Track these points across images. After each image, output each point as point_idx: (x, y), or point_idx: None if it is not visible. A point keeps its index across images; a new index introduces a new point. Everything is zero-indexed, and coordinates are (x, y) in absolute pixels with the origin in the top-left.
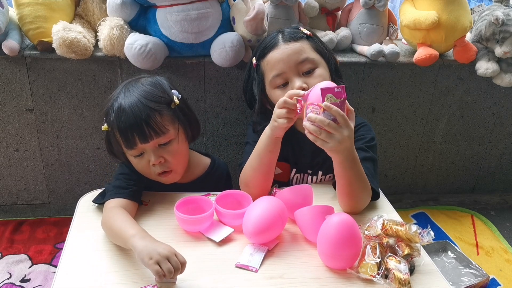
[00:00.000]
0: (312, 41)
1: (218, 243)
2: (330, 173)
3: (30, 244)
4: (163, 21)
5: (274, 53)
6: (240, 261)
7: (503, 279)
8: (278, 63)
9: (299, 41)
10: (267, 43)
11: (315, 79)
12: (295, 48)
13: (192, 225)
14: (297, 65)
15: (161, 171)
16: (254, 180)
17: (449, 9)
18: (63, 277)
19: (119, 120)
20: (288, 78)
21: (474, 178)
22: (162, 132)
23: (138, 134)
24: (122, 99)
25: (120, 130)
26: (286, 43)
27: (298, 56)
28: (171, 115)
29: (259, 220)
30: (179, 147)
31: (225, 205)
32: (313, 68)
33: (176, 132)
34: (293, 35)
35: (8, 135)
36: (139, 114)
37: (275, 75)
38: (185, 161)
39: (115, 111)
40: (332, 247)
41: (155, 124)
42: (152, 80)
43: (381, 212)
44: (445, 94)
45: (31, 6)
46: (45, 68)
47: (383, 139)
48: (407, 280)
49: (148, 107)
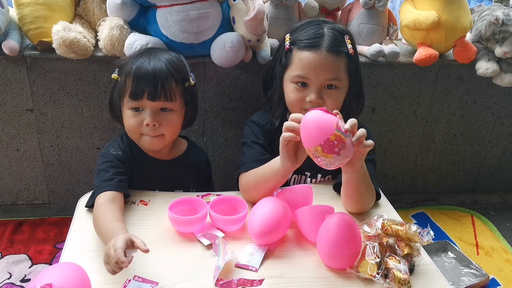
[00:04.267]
0: (349, 59)
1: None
2: (329, 175)
3: (30, 244)
4: (163, 21)
5: (311, 55)
6: (240, 261)
7: (503, 279)
8: (310, 68)
9: (339, 56)
10: (311, 36)
11: (332, 96)
12: (333, 64)
13: (184, 226)
14: (325, 80)
15: (153, 134)
16: (256, 194)
17: (449, 9)
18: None
19: (139, 70)
20: (309, 84)
21: (474, 178)
22: (171, 99)
23: (150, 88)
24: (146, 57)
25: (135, 78)
26: (328, 53)
27: (331, 74)
28: (183, 91)
29: (265, 220)
30: (176, 119)
31: (219, 210)
32: (336, 87)
33: (180, 106)
34: (337, 47)
35: (8, 135)
36: (160, 73)
37: (300, 76)
38: (175, 134)
39: (138, 62)
40: (332, 247)
41: (169, 88)
42: (177, 55)
43: (381, 212)
44: (445, 94)
45: (31, 6)
46: (45, 68)
47: (383, 139)
48: (407, 280)
49: (169, 72)
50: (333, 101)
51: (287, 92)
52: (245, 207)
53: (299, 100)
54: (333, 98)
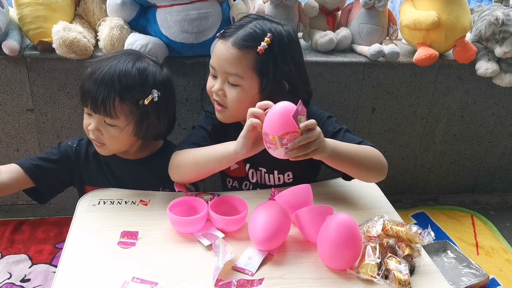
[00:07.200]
0: (259, 57)
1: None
2: (288, 172)
3: (30, 244)
4: (163, 21)
5: (220, 44)
6: (238, 264)
7: (503, 279)
8: (215, 57)
9: (243, 51)
10: (232, 27)
11: (232, 93)
12: (233, 58)
13: (183, 226)
14: (225, 73)
15: (94, 139)
16: (190, 172)
17: (449, 9)
18: (63, 277)
19: (89, 77)
20: (217, 75)
21: (474, 178)
22: (111, 116)
23: (91, 101)
24: (108, 61)
25: (82, 85)
26: (232, 45)
27: (229, 67)
28: (132, 107)
29: (266, 227)
30: (119, 135)
31: (219, 211)
32: (238, 84)
33: (125, 123)
34: (245, 41)
35: (8, 135)
36: (104, 87)
37: (210, 64)
38: (121, 146)
39: (93, 68)
40: (332, 248)
41: (110, 105)
42: (144, 67)
43: (381, 212)
44: (445, 94)
45: (31, 6)
46: (45, 68)
47: (383, 139)
48: (407, 281)
49: (115, 87)
50: (232, 100)
51: (207, 82)
52: (246, 208)
53: (209, 89)
54: (232, 96)
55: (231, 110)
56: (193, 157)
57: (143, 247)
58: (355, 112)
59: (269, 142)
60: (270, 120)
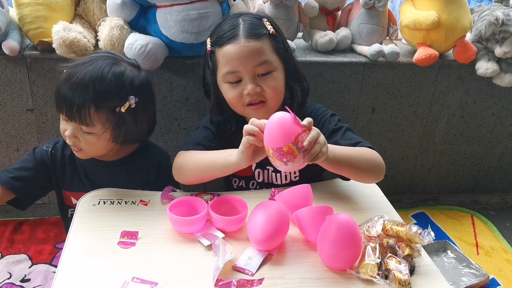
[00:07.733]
0: (273, 39)
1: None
2: (296, 172)
3: (30, 244)
4: (163, 21)
5: (231, 47)
6: (238, 264)
7: (503, 279)
8: (234, 60)
9: (260, 39)
10: (226, 30)
11: (269, 82)
12: (255, 48)
13: (183, 226)
14: (254, 67)
15: (72, 145)
16: (191, 176)
17: (449, 9)
18: (63, 277)
19: (63, 84)
20: (242, 77)
21: (474, 178)
22: (87, 124)
23: (66, 109)
24: (84, 66)
25: (56, 92)
26: (247, 39)
27: (257, 59)
28: (108, 115)
29: (265, 227)
30: (97, 141)
31: (219, 211)
32: (270, 71)
33: (102, 131)
34: (255, 30)
35: (8, 135)
36: (78, 94)
37: (228, 72)
38: (99, 151)
39: (69, 72)
40: (332, 248)
41: (85, 114)
42: (120, 72)
43: (381, 212)
44: (445, 94)
45: (31, 6)
46: (45, 68)
47: (383, 139)
48: (407, 281)
49: (90, 95)
50: (272, 89)
51: (225, 93)
52: (246, 208)
53: (238, 97)
54: (271, 84)
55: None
56: (195, 162)
57: (143, 247)
58: (355, 112)
59: (285, 156)
60: (276, 133)
